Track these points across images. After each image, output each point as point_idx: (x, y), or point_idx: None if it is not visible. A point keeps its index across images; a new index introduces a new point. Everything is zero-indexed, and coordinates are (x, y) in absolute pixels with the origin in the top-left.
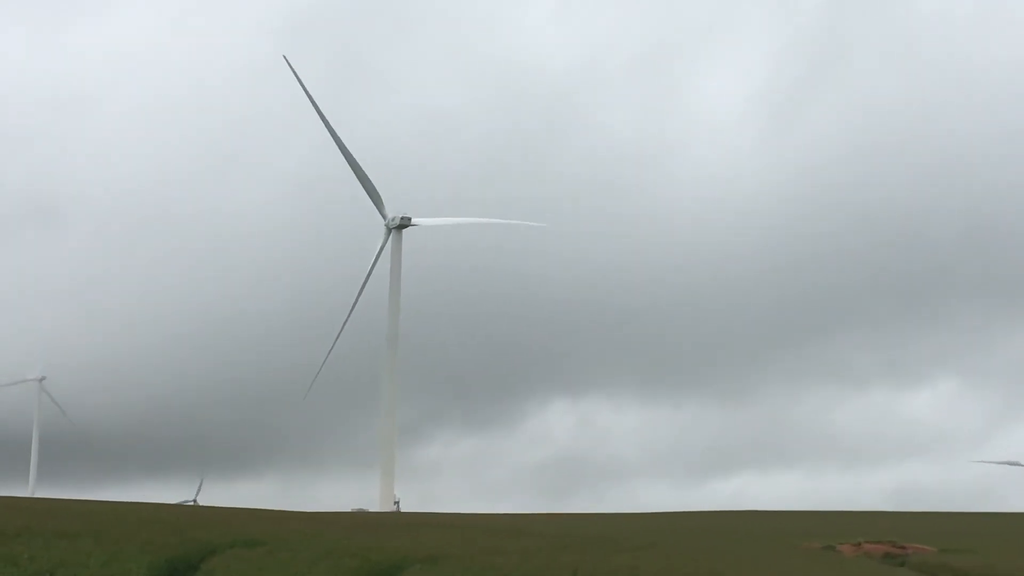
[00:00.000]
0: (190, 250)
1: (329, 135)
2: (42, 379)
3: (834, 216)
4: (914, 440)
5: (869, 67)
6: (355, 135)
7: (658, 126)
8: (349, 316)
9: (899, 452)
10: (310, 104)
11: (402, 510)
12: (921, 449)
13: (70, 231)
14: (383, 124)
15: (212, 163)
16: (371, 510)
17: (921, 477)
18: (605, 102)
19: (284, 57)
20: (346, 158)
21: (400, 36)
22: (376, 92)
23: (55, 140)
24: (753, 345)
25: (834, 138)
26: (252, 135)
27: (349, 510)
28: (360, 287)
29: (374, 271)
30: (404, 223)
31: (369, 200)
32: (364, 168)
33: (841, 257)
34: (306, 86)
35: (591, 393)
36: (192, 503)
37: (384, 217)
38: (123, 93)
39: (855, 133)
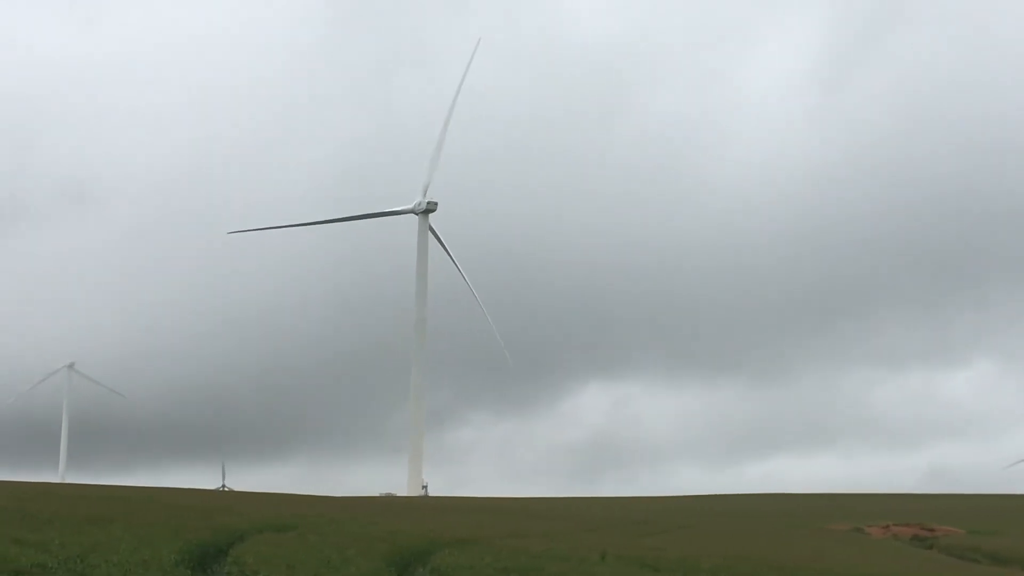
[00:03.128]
0: (224, 238)
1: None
2: (71, 365)
3: (876, 197)
4: (951, 422)
5: (917, 46)
6: (402, 114)
7: (704, 106)
8: (475, 296)
9: (936, 434)
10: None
11: (430, 494)
12: (958, 431)
13: (105, 216)
14: (429, 104)
15: (249, 152)
16: (399, 494)
17: (957, 459)
18: (652, 82)
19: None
20: (342, 220)
21: (448, 16)
22: (422, 71)
23: (93, 125)
24: (790, 326)
25: (880, 118)
26: (290, 123)
27: (378, 495)
28: (460, 272)
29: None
30: (430, 208)
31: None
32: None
33: (882, 237)
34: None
35: (626, 376)
36: (222, 488)
37: (409, 210)
38: (164, 79)
39: (902, 113)
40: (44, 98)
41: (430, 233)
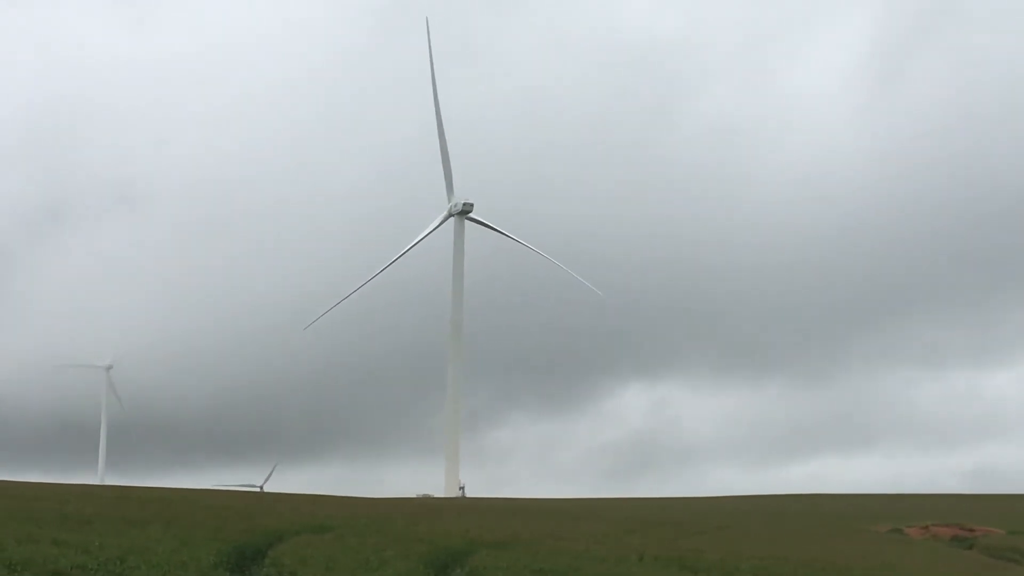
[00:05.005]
0: (263, 241)
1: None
2: (110, 367)
3: (920, 195)
4: (996, 422)
5: (968, 42)
6: (456, 113)
7: (753, 104)
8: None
9: (980, 434)
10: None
11: (467, 495)
12: (1003, 430)
13: (150, 218)
14: (483, 102)
15: (294, 154)
16: (437, 495)
17: (1001, 459)
18: (703, 80)
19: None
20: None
21: (502, 13)
22: (477, 70)
23: (140, 127)
24: (834, 326)
25: (928, 115)
26: (337, 124)
27: (415, 496)
28: (521, 243)
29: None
30: (467, 209)
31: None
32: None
33: (927, 235)
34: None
35: (668, 376)
36: (258, 489)
37: (449, 200)
38: (211, 81)
39: (951, 110)
40: (91, 99)
41: (477, 226)
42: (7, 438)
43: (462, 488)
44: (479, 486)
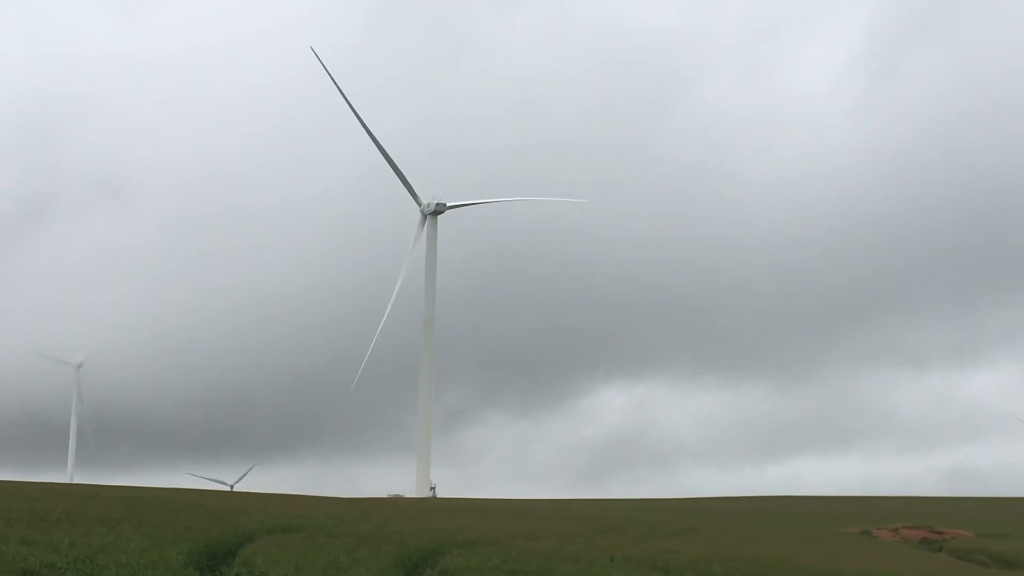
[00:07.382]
0: (242, 240)
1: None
2: (80, 365)
3: (908, 195)
4: (975, 423)
5: (965, 40)
6: (449, 108)
7: (749, 101)
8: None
9: (959, 435)
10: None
11: (438, 495)
12: (982, 432)
13: (137, 213)
14: (476, 97)
15: (286, 151)
16: (407, 495)
17: (980, 461)
18: (699, 76)
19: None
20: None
21: (498, 7)
22: (470, 64)
23: (130, 122)
24: (816, 326)
25: (922, 114)
26: (332, 120)
27: (385, 496)
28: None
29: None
30: (439, 209)
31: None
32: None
33: (911, 236)
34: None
35: (647, 376)
36: (228, 488)
37: (419, 204)
38: (203, 77)
39: (945, 108)
40: (81, 94)
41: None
42: None
43: (433, 488)
44: (453, 486)
